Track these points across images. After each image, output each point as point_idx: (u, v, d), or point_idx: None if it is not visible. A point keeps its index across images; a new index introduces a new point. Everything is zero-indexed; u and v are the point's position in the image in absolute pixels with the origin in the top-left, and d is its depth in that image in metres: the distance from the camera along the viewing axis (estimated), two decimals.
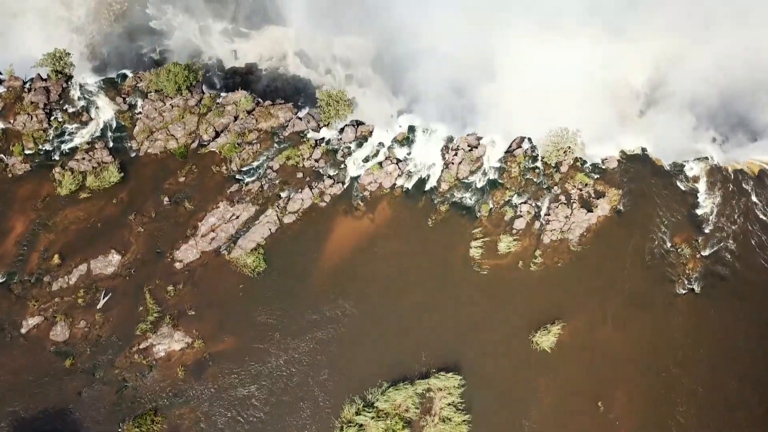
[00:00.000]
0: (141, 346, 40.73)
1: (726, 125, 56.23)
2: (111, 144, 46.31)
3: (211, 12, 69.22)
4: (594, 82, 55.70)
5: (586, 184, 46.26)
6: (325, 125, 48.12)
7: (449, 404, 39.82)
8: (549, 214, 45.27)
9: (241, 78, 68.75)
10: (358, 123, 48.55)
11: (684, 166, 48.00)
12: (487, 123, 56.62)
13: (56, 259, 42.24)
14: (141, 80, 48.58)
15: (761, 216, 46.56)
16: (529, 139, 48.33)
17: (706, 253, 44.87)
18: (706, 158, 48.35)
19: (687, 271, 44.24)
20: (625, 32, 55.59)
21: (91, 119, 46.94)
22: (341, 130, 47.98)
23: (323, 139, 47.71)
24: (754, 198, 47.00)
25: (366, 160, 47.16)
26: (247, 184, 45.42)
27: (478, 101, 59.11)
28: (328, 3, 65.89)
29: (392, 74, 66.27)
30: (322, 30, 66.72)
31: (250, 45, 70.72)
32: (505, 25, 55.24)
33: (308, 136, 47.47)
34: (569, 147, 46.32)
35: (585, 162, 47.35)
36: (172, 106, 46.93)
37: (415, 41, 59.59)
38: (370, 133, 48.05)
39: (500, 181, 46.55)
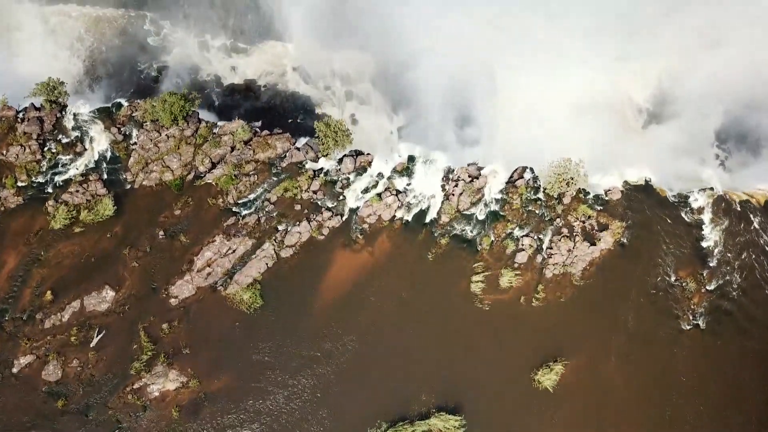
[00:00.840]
0: (135, 386, 39.88)
1: (729, 140, 55.88)
2: (105, 176, 45.45)
3: (210, 27, 68.58)
4: (596, 97, 55.43)
5: (589, 216, 45.45)
6: (323, 155, 47.27)
7: None
8: (551, 248, 44.45)
9: (240, 95, 68.18)
10: (357, 153, 47.72)
11: (689, 197, 47.19)
12: (487, 139, 56.33)
13: (49, 296, 41.41)
14: (136, 109, 47.70)
15: (767, 248, 45.79)
16: (531, 169, 47.53)
17: (711, 287, 44.10)
18: (711, 188, 47.53)
19: (692, 306, 43.46)
20: (629, 48, 55.35)
21: (85, 150, 46.08)
22: (340, 161, 47.16)
23: (321, 169, 46.88)
24: (759, 230, 46.18)
25: (365, 191, 46.33)
26: (243, 217, 44.57)
27: (478, 112, 58.62)
28: (327, 17, 65.43)
29: (392, 90, 65.88)
30: (321, 45, 66.25)
31: (249, 61, 70.10)
32: (506, 41, 55.13)
33: (306, 166, 46.65)
34: (572, 178, 45.49)
35: (588, 193, 46.54)
36: (168, 137, 46.08)
37: (414, 57, 59.20)
38: (370, 163, 47.22)
39: (501, 213, 45.72)
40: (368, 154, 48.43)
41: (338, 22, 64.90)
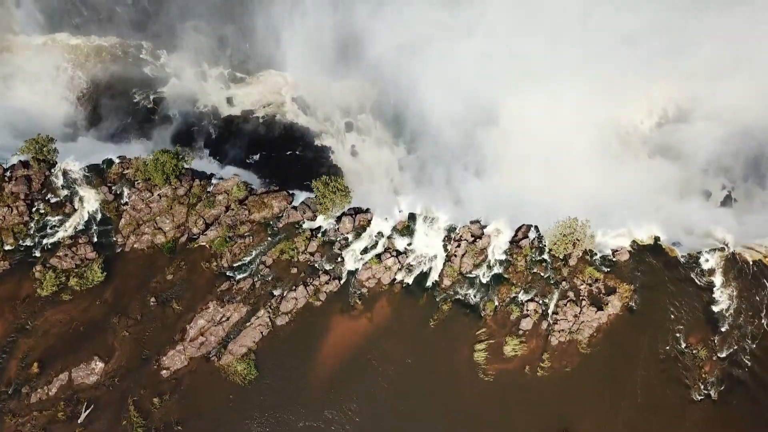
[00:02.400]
0: None
1: (736, 170, 54.88)
2: (95, 238, 43.90)
3: (207, 57, 67.41)
4: (600, 125, 54.47)
5: (596, 279, 43.84)
6: (321, 214, 45.65)
7: None
8: (557, 313, 42.86)
9: (238, 127, 66.82)
10: (357, 211, 46.09)
11: (699, 257, 45.51)
12: (489, 169, 55.46)
13: (35, 368, 39.84)
14: (128, 167, 46.08)
15: None
16: (536, 228, 45.98)
17: (722, 354, 42.42)
18: (722, 248, 45.88)
19: (703, 375, 41.78)
20: (633, 75, 54.44)
21: (75, 210, 44.54)
22: (338, 219, 45.55)
23: (319, 228, 45.30)
24: None
25: (364, 251, 44.74)
26: (238, 281, 42.99)
27: (480, 141, 57.65)
28: (327, 47, 64.32)
29: (393, 120, 64.78)
30: (321, 74, 65.10)
31: (247, 91, 68.93)
32: (507, 68, 54.33)
33: (304, 226, 45.05)
34: (578, 239, 43.92)
35: (595, 254, 44.93)
36: (160, 197, 44.49)
37: (415, 87, 58.57)
38: (369, 221, 45.64)
39: (505, 275, 44.12)
40: (367, 210, 46.95)
41: (338, 52, 63.81)
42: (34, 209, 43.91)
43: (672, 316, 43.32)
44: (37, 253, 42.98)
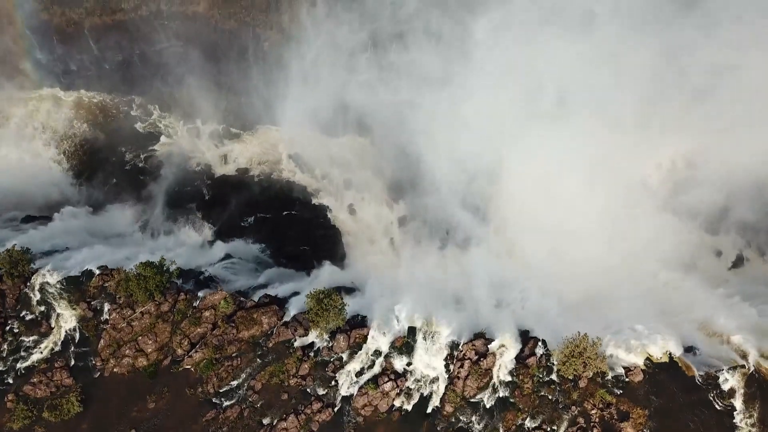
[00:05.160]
0: None
1: (747, 226, 52.86)
2: (72, 361, 41.08)
3: (200, 112, 65.32)
4: (607, 182, 52.47)
5: (609, 404, 40.94)
6: (314, 329, 42.88)
7: None
8: None
9: (232, 187, 64.65)
10: (352, 326, 43.22)
11: (718, 377, 42.59)
12: (493, 229, 54.09)
13: None
14: (109, 279, 43.27)
15: None
16: (543, 342, 43.17)
17: None
18: (743, 366, 43.02)
19: None
20: (644, 130, 52.66)
21: (51, 329, 41.75)
22: (332, 336, 42.69)
23: (312, 345, 42.45)
24: None
25: (360, 372, 41.88)
26: (225, 409, 40.10)
27: (484, 199, 56.37)
28: (324, 104, 62.56)
29: (392, 177, 63.05)
30: (318, 130, 63.24)
31: (242, 148, 66.97)
32: (511, 127, 53.02)
33: (295, 344, 42.21)
34: (589, 359, 41.08)
35: (606, 374, 42.03)
36: (143, 314, 41.71)
37: (416, 143, 57.13)
38: (365, 338, 42.78)
39: (512, 399, 41.23)
40: (364, 319, 44.20)
41: (335, 109, 62.14)
42: (7, 328, 41.12)
43: None
44: (10, 380, 40.18)
